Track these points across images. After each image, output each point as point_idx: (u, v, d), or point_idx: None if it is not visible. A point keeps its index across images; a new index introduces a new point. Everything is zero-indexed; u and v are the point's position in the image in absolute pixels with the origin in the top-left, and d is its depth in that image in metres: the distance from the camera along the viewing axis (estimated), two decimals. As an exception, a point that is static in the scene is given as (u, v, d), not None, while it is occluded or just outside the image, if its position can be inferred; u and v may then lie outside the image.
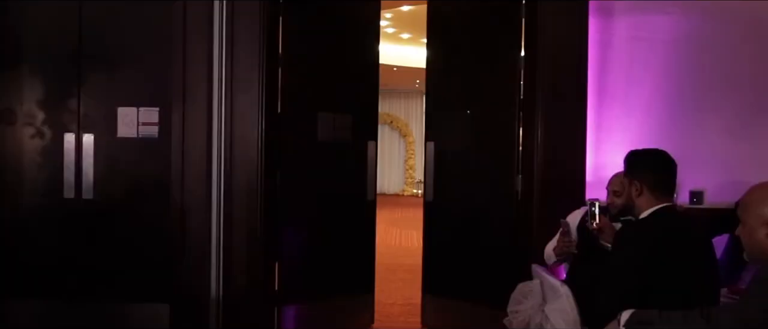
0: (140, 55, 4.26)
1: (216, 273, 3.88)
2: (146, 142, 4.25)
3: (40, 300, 4.29)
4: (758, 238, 1.68)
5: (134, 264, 4.20)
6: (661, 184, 2.42)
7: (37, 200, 4.33)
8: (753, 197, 1.74)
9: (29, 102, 4.35)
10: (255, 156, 3.84)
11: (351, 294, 4.58)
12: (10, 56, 4.34)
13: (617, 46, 3.95)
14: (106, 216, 4.26)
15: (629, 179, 2.50)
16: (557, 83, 3.77)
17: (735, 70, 3.92)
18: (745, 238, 1.75)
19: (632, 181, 2.46)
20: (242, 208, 3.85)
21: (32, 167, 4.34)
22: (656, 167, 2.45)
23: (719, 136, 3.90)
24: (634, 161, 2.52)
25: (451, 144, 4.53)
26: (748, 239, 1.73)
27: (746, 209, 1.74)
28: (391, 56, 14.05)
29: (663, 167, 2.45)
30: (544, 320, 2.29)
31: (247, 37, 3.85)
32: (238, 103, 3.84)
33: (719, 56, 3.94)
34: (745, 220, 1.73)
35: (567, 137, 3.74)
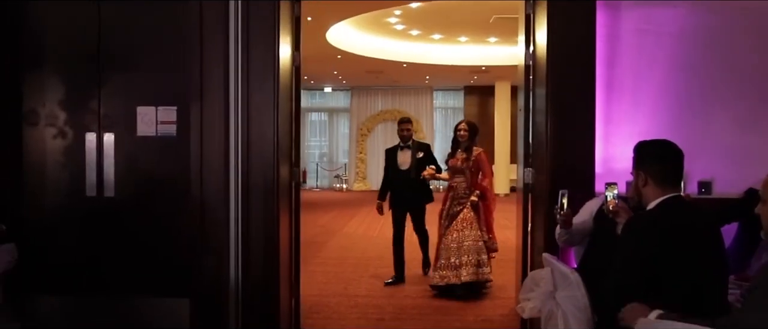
0: (158, 56, 4.35)
1: (234, 268, 3.97)
2: (165, 140, 4.34)
3: (64, 295, 4.40)
4: None
5: (155, 260, 4.31)
6: (667, 174, 2.46)
7: (60, 198, 4.44)
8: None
9: (51, 103, 4.46)
10: (271, 153, 3.93)
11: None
12: (32, 59, 4.45)
13: (625, 39, 3.98)
14: (127, 213, 4.37)
15: (636, 170, 2.54)
16: (565, 76, 3.82)
17: (742, 62, 3.94)
18: (765, 217, 1.79)
19: (638, 171, 2.51)
20: (259, 203, 3.94)
21: (55, 167, 4.45)
22: (662, 157, 2.49)
23: (727, 127, 3.92)
24: (641, 151, 2.56)
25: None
26: (767, 219, 1.78)
27: (765, 188, 1.78)
28: (401, 53, 14.11)
29: (669, 158, 2.48)
30: (555, 307, 2.35)
31: (261, 37, 3.93)
32: (254, 101, 3.93)
33: (726, 49, 3.96)
34: (765, 198, 1.77)
35: (576, 129, 3.79)
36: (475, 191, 5.59)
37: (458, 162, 5.66)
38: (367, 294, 5.61)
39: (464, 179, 5.64)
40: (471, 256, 5.42)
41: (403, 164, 6.16)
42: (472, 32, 12.67)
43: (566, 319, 2.28)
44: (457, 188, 5.67)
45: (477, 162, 5.65)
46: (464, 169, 5.64)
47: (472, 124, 5.86)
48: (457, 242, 5.46)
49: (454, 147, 5.81)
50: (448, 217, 5.64)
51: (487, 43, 13.47)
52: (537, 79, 4.07)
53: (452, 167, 5.73)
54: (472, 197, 5.56)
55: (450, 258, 5.43)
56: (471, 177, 5.63)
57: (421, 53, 14.18)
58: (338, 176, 19.53)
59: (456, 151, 5.75)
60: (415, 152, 6.13)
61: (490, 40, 13.18)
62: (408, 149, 6.19)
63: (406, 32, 12.79)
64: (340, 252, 7.86)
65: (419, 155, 6.12)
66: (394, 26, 12.24)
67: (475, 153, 5.69)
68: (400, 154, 6.22)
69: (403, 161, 6.17)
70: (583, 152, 3.77)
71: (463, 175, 5.65)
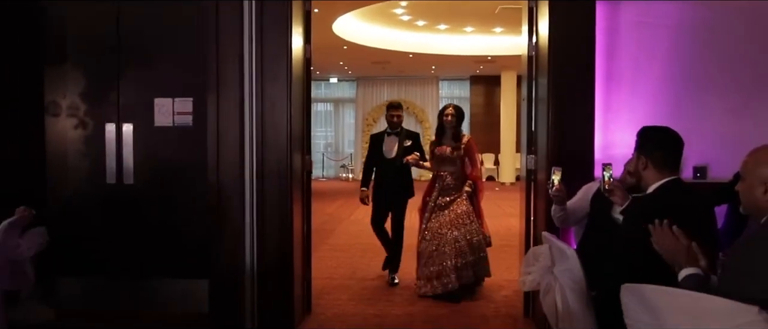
0: (174, 50, 4.54)
1: (250, 251, 4.16)
2: (181, 130, 4.54)
3: (87, 277, 4.63)
4: (755, 195, 1.88)
5: (174, 244, 4.52)
6: (667, 159, 2.59)
7: (81, 185, 4.65)
8: (754, 158, 1.94)
9: (72, 95, 4.66)
10: (285, 142, 4.10)
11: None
12: (54, 53, 4.65)
13: (624, 32, 4.13)
14: (146, 200, 4.57)
15: (637, 154, 2.66)
16: (566, 67, 3.97)
17: (736, 53, 4.08)
18: (743, 193, 1.94)
19: (640, 155, 2.63)
20: (274, 189, 4.12)
21: (76, 156, 4.66)
22: (663, 143, 2.61)
23: (721, 115, 4.07)
24: (644, 137, 2.68)
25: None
26: (745, 195, 1.93)
27: (747, 168, 1.93)
28: (407, 43, 14.24)
29: (669, 144, 2.61)
30: (552, 280, 2.53)
31: (275, 31, 4.09)
32: (268, 92, 4.10)
33: (721, 40, 4.11)
34: (745, 177, 1.92)
35: (576, 118, 3.95)
36: (468, 182, 5.20)
37: (446, 151, 5.21)
38: (374, 278, 5.79)
39: (454, 169, 5.21)
40: (475, 253, 5.06)
41: (388, 152, 5.68)
42: (478, 22, 12.78)
43: (563, 291, 2.45)
44: (444, 179, 5.21)
45: (466, 150, 5.24)
46: (454, 158, 5.19)
47: (458, 108, 5.39)
48: (458, 241, 5.02)
49: (439, 134, 5.35)
50: (435, 209, 5.17)
51: (492, 33, 13.58)
52: (539, 69, 4.22)
53: (439, 156, 5.24)
54: (465, 188, 5.17)
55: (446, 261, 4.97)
56: (461, 166, 5.25)
57: (426, 44, 14.29)
58: (344, 165, 19.72)
59: (442, 138, 5.30)
60: (403, 140, 5.65)
61: (496, 30, 13.29)
62: (395, 136, 5.69)
63: (412, 23, 12.91)
64: (348, 239, 8.05)
65: (407, 143, 5.64)
66: (400, 17, 12.37)
67: (464, 140, 5.26)
68: (386, 141, 5.73)
69: (390, 149, 5.69)
70: (583, 138, 3.92)
71: (452, 165, 5.21)
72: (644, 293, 1.80)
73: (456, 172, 5.20)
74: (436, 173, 5.28)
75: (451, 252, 5.00)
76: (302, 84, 4.41)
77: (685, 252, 1.91)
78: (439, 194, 5.19)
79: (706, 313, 1.65)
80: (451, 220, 5.08)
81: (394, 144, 5.66)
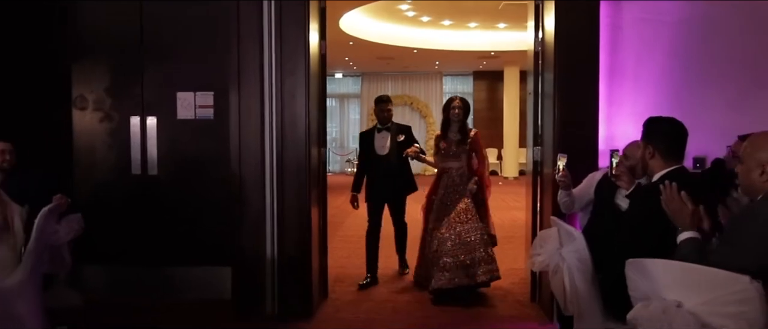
0: (195, 47, 4.75)
1: (271, 239, 4.36)
2: (203, 123, 4.76)
3: (112, 265, 4.84)
4: (752, 177, 2.06)
5: (196, 232, 4.73)
6: (673, 148, 2.70)
7: (107, 176, 4.87)
8: (752, 144, 2.11)
9: (98, 90, 4.87)
10: (303, 134, 4.30)
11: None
12: (80, 50, 4.87)
13: (626, 28, 4.31)
14: (169, 190, 4.79)
15: (644, 143, 2.76)
16: (571, 63, 4.15)
17: (734, 48, 4.27)
18: (742, 175, 2.12)
19: (647, 144, 2.73)
20: (293, 181, 4.32)
21: (103, 147, 4.88)
22: (669, 133, 2.72)
23: (720, 108, 4.24)
24: (650, 126, 2.79)
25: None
26: (744, 177, 2.11)
27: (745, 153, 2.11)
28: (412, 39, 14.41)
29: (675, 133, 2.72)
30: (560, 261, 2.72)
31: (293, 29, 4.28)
32: (287, 87, 4.30)
33: (720, 36, 4.28)
34: (744, 160, 2.11)
35: (581, 111, 4.13)
36: (474, 178, 4.87)
37: (453, 145, 4.93)
38: (384, 267, 5.95)
39: (461, 164, 4.93)
40: (481, 252, 4.71)
41: (381, 149, 5.30)
42: (482, 18, 12.94)
43: (570, 271, 2.64)
44: (451, 175, 4.92)
45: (473, 145, 4.95)
46: (460, 152, 4.92)
47: (465, 101, 5.08)
48: (460, 236, 4.71)
49: (444, 128, 5.04)
50: (442, 207, 4.86)
51: (496, 28, 13.74)
52: (546, 64, 4.41)
53: (446, 151, 4.97)
54: (471, 185, 4.82)
55: (459, 255, 4.67)
56: (468, 162, 4.96)
57: (431, 39, 14.45)
58: (349, 160, 19.90)
59: (448, 132, 5.00)
60: (396, 136, 5.29)
61: (500, 25, 13.45)
62: (387, 131, 5.33)
63: (417, 19, 13.07)
64: (358, 231, 8.20)
65: (400, 138, 5.28)
66: (405, 13, 12.54)
67: (471, 134, 4.98)
68: (377, 137, 5.34)
69: (382, 146, 5.31)
70: (587, 130, 4.11)
71: (458, 159, 4.93)
72: (645, 266, 2.00)
73: (462, 168, 4.92)
74: (442, 170, 5.02)
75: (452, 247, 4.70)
76: (318, 79, 4.61)
77: (690, 215, 2.09)
78: (446, 191, 4.90)
79: (701, 282, 1.85)
80: (456, 215, 4.79)
81: (386, 140, 5.31)
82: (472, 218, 4.75)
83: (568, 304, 2.71)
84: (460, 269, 4.65)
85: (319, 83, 4.63)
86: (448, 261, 4.67)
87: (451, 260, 4.66)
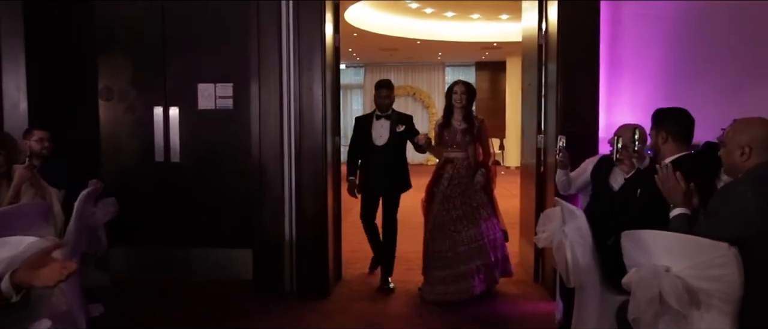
0: (215, 41, 5.01)
1: (289, 223, 4.62)
2: (223, 113, 5.02)
3: (137, 247, 5.11)
4: (734, 158, 2.30)
5: (219, 216, 5.00)
6: (684, 132, 2.91)
7: (132, 163, 5.14)
8: (733, 128, 2.36)
9: (123, 81, 5.13)
10: (320, 123, 4.55)
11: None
12: (106, 43, 5.12)
13: (625, 22, 4.55)
14: (191, 176, 5.06)
15: (656, 130, 2.95)
16: (573, 56, 4.39)
17: (727, 42, 4.50)
18: (725, 157, 2.38)
19: (659, 131, 2.93)
20: (310, 167, 4.57)
21: (127, 136, 5.14)
22: (681, 119, 2.94)
23: (713, 99, 4.47)
24: (663, 114, 3.00)
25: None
26: (727, 158, 2.36)
27: (728, 136, 2.36)
28: (415, 30, 14.62)
29: (687, 119, 2.95)
30: (563, 237, 2.97)
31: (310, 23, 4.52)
32: (304, 78, 4.54)
33: (715, 30, 4.52)
34: (726, 144, 2.36)
35: (582, 101, 4.38)
36: (481, 170, 4.53)
37: (458, 134, 4.56)
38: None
39: (464, 154, 4.57)
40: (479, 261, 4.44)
41: (379, 139, 4.85)
42: (485, 10, 13.15)
43: (572, 247, 2.89)
44: (456, 165, 4.56)
45: (479, 133, 4.59)
46: (465, 142, 4.56)
47: (469, 85, 4.65)
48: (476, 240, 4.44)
49: (447, 115, 4.65)
50: (446, 201, 4.51)
51: (499, 20, 13.95)
52: (549, 57, 4.66)
53: (450, 140, 4.60)
54: (479, 177, 4.48)
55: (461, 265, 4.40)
56: (473, 152, 4.60)
57: (434, 31, 14.66)
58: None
59: (450, 119, 4.61)
60: (395, 125, 4.83)
61: (502, 17, 13.66)
62: (386, 120, 4.85)
63: (421, 10, 13.28)
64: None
65: (400, 128, 4.83)
66: (409, 5, 12.75)
67: (477, 122, 4.61)
68: (375, 125, 4.87)
69: (380, 135, 4.85)
70: (588, 119, 4.35)
71: (464, 149, 4.58)
72: (640, 236, 2.26)
73: (467, 158, 4.56)
74: (446, 160, 4.62)
75: (466, 253, 4.41)
76: (333, 71, 4.85)
77: (682, 193, 2.35)
78: (450, 184, 4.53)
79: (687, 250, 2.10)
80: (465, 214, 4.46)
81: (386, 129, 4.85)
82: (478, 219, 4.47)
83: (571, 276, 2.97)
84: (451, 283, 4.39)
85: (334, 75, 4.88)
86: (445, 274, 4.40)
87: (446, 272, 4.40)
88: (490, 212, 4.55)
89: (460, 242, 4.43)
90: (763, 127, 2.27)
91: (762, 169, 2.21)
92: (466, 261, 4.41)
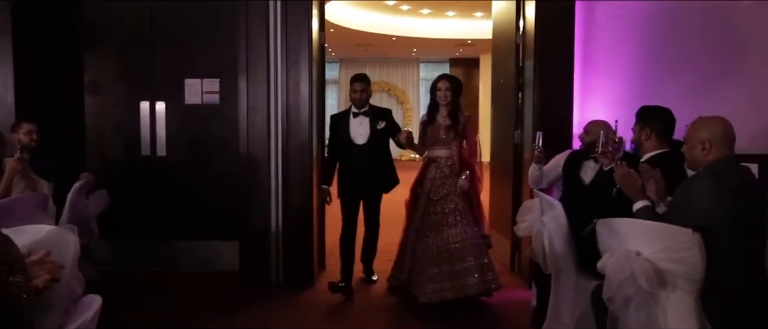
0: (203, 37, 5.09)
1: (275, 215, 4.75)
2: (209, 108, 5.12)
3: (124, 240, 5.17)
4: (695, 153, 2.52)
5: (206, 209, 5.10)
6: (667, 129, 3.09)
7: (118, 157, 5.21)
8: (694, 126, 2.57)
9: (110, 76, 5.19)
10: (307, 118, 4.68)
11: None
12: (93, 38, 5.17)
13: (599, 23, 4.79)
14: (178, 170, 5.15)
15: (641, 126, 3.11)
16: (548, 56, 4.59)
17: (695, 42, 4.77)
18: (687, 152, 2.59)
19: (644, 127, 3.09)
20: (296, 161, 4.69)
21: (113, 130, 5.21)
22: (664, 116, 3.13)
23: (682, 96, 4.69)
24: (647, 111, 3.17)
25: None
26: (689, 154, 2.57)
27: (689, 133, 2.57)
28: (391, 27, 14.78)
29: (669, 117, 3.14)
30: (542, 226, 3.18)
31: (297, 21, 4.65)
32: (291, 74, 4.67)
33: (682, 31, 4.79)
34: (688, 140, 2.57)
35: (557, 98, 4.59)
36: (465, 173, 4.27)
37: (442, 131, 4.34)
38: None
39: (449, 153, 4.34)
40: (473, 259, 4.15)
41: (358, 137, 4.54)
42: (460, 7, 13.37)
43: (550, 235, 3.10)
44: (439, 165, 4.34)
45: (464, 130, 4.37)
46: (449, 139, 4.33)
47: (454, 79, 4.41)
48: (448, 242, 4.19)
49: (431, 112, 4.42)
50: (428, 202, 4.31)
51: (473, 17, 14.19)
52: (526, 55, 4.86)
53: (433, 137, 4.37)
54: (461, 182, 4.24)
55: (443, 265, 4.15)
56: (458, 150, 4.36)
57: (410, 27, 14.84)
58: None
59: (435, 116, 4.37)
60: (376, 121, 4.55)
61: (477, 14, 13.90)
62: (365, 116, 4.56)
63: (397, 7, 13.45)
64: (344, 211, 8.62)
65: (380, 125, 4.55)
66: (386, 2, 12.90)
67: (463, 119, 4.37)
68: (353, 123, 4.55)
69: (359, 133, 4.55)
70: (563, 115, 4.56)
71: (447, 147, 4.34)
72: (613, 224, 2.46)
73: (452, 157, 4.33)
74: (429, 159, 4.42)
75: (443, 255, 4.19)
76: (318, 67, 4.99)
77: (641, 188, 2.57)
78: (433, 184, 4.32)
79: (655, 235, 2.31)
80: (437, 221, 4.25)
81: (365, 127, 4.56)
82: (461, 221, 4.22)
83: (548, 263, 3.17)
84: (446, 279, 4.13)
85: (319, 71, 5.01)
86: (435, 272, 4.16)
87: (438, 270, 4.15)
88: (464, 217, 4.24)
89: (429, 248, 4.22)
90: (721, 125, 2.50)
91: (721, 163, 2.43)
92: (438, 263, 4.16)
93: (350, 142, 4.57)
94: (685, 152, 2.59)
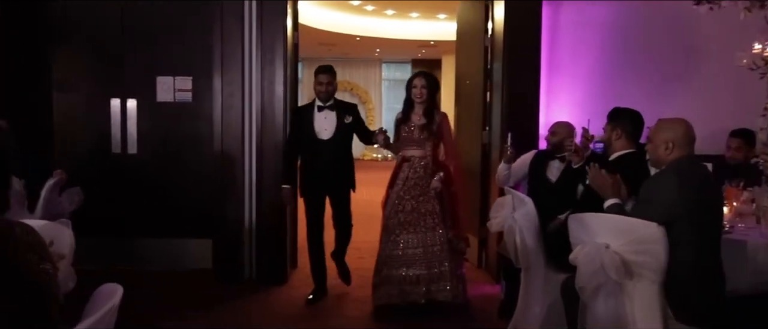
0: (174, 34, 5.09)
1: (249, 213, 4.80)
2: (182, 105, 5.12)
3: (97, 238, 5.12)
4: (659, 152, 2.69)
5: (179, 207, 5.10)
6: (636, 130, 3.23)
7: (87, 155, 5.16)
8: (658, 126, 2.74)
9: (79, 73, 5.14)
10: (281, 117, 4.74)
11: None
12: (63, 35, 5.11)
13: (563, 29, 5.00)
14: (149, 168, 5.14)
15: (612, 126, 3.23)
16: (516, 58, 4.76)
17: (655, 46, 5.03)
18: (651, 151, 2.76)
19: (615, 127, 3.22)
20: (271, 160, 4.75)
21: (82, 128, 5.16)
22: (634, 118, 3.26)
23: (643, 98, 4.91)
24: (619, 113, 3.30)
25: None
26: (652, 153, 2.75)
27: (653, 133, 2.75)
28: (355, 27, 14.86)
29: (639, 119, 3.27)
30: (513, 222, 3.32)
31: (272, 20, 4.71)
32: (266, 73, 4.73)
33: (643, 36, 5.04)
34: (652, 139, 2.74)
35: (525, 99, 4.77)
36: (439, 174, 4.12)
37: (416, 130, 4.17)
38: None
39: (423, 153, 4.17)
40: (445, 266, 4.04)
41: (323, 132, 4.31)
42: (423, 9, 13.54)
43: (521, 231, 3.24)
44: (413, 165, 4.17)
45: (439, 129, 4.20)
46: (424, 139, 4.17)
47: (430, 77, 4.29)
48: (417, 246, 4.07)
49: (406, 109, 4.26)
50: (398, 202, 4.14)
51: (436, 19, 14.39)
52: (495, 57, 5.02)
53: (407, 137, 4.21)
54: (435, 183, 4.09)
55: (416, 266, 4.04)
56: (433, 150, 4.20)
57: (373, 27, 14.95)
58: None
59: (410, 114, 4.22)
60: (342, 116, 4.34)
61: (440, 16, 14.11)
62: (329, 110, 4.34)
63: (362, 8, 13.54)
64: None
65: (348, 119, 4.35)
66: (350, 2, 12.98)
67: (439, 119, 4.21)
68: (318, 117, 4.32)
69: (324, 128, 4.32)
70: (530, 116, 4.76)
71: (421, 147, 4.18)
72: (584, 219, 2.62)
73: (426, 157, 4.17)
74: (402, 158, 4.23)
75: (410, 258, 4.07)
76: (292, 66, 5.05)
77: (611, 186, 2.73)
78: (405, 184, 4.15)
79: (623, 229, 2.48)
80: (409, 221, 4.10)
81: (331, 122, 4.33)
82: (436, 225, 4.08)
83: (520, 257, 3.32)
84: (409, 283, 4.03)
85: (293, 70, 5.08)
86: (393, 274, 4.06)
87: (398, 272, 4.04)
88: (437, 221, 4.09)
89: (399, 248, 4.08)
90: (683, 126, 2.68)
91: (683, 162, 2.62)
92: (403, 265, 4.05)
93: (314, 137, 4.31)
94: (649, 150, 2.76)
